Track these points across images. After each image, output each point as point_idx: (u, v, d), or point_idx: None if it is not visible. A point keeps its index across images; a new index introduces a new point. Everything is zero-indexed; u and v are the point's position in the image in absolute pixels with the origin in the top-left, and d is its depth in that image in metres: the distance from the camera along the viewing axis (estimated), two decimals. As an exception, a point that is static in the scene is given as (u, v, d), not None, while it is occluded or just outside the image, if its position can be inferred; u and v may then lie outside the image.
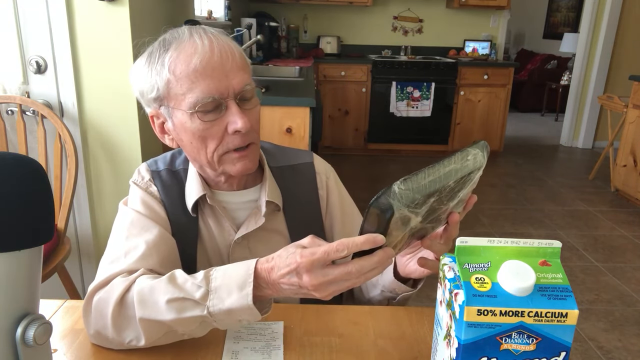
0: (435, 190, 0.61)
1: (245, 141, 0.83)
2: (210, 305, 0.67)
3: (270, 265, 0.67)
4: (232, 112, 0.80)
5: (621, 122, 3.96)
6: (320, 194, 0.99)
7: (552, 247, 0.55)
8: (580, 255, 2.97)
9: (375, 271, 0.63)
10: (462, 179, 0.65)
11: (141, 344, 0.72)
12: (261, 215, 0.90)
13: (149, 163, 0.96)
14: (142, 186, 0.92)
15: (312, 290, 0.64)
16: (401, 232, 0.63)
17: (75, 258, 2.05)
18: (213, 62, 0.78)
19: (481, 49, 5.05)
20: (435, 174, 0.61)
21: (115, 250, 0.83)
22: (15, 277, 0.48)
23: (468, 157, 0.66)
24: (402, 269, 0.83)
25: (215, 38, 0.81)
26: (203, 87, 0.78)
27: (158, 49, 0.81)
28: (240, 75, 0.81)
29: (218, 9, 3.88)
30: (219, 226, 0.92)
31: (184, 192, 0.92)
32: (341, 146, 4.80)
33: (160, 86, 0.80)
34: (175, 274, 0.72)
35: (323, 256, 0.62)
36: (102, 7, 1.80)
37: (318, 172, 1.00)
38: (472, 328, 0.51)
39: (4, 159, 0.47)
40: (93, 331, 0.75)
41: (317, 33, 5.10)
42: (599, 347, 2.12)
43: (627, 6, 5.05)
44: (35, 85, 1.86)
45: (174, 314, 0.69)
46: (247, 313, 0.67)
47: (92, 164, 1.98)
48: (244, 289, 0.66)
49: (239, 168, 0.85)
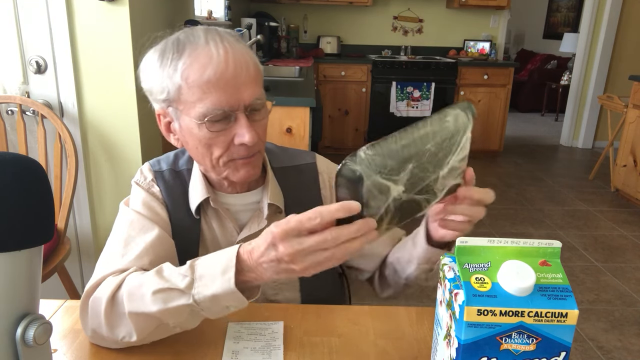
0: (410, 155, 0.57)
1: (250, 152, 0.83)
2: (195, 293, 0.67)
3: (251, 247, 0.67)
4: (241, 124, 0.80)
5: (621, 122, 3.96)
6: (323, 194, 0.98)
7: (552, 247, 0.55)
8: (580, 255, 2.97)
9: (355, 243, 0.60)
10: (445, 143, 0.61)
11: (134, 339, 0.72)
12: (263, 218, 0.90)
13: (152, 163, 0.95)
14: (144, 186, 0.92)
15: (290, 262, 0.62)
16: (381, 202, 0.59)
17: (75, 258, 2.05)
18: (226, 75, 0.77)
19: (479, 49, 5.05)
20: (408, 138, 0.58)
21: (112, 251, 0.83)
22: (15, 277, 0.48)
23: (447, 118, 0.62)
24: (435, 233, 0.81)
25: (231, 47, 0.79)
26: (214, 99, 0.77)
27: (171, 50, 0.79)
28: (252, 88, 0.80)
29: (218, 9, 3.88)
30: (222, 227, 0.92)
31: (187, 193, 0.91)
32: (341, 146, 4.80)
33: (170, 90, 0.80)
34: (162, 266, 0.73)
35: (297, 225, 0.60)
36: (102, 7, 1.80)
37: (320, 172, 0.99)
38: (472, 328, 0.51)
39: (3, 159, 0.47)
40: (90, 331, 0.75)
41: (317, 33, 5.10)
42: (599, 347, 2.12)
43: (627, 6, 5.05)
44: (35, 85, 1.86)
45: (160, 304, 0.69)
46: (231, 298, 0.67)
47: (92, 164, 1.98)
48: (226, 274, 0.66)
49: (242, 175, 0.85)
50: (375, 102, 4.74)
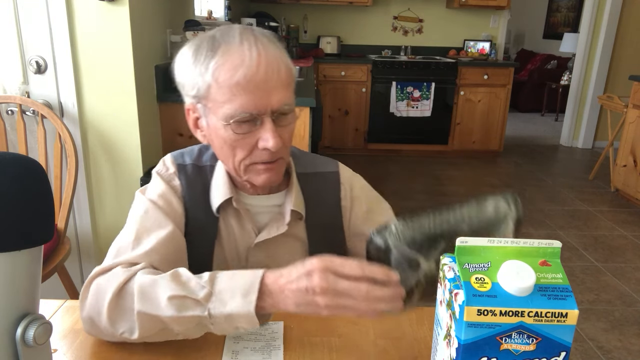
0: (442, 233, 0.59)
1: (273, 157, 0.82)
2: (211, 307, 0.67)
3: (279, 273, 0.68)
4: (266, 128, 0.79)
5: (621, 122, 3.96)
6: (342, 204, 0.96)
7: (552, 247, 0.55)
8: (580, 255, 2.97)
9: (381, 304, 0.63)
10: (480, 226, 0.62)
11: (134, 337, 0.71)
12: (284, 223, 0.89)
13: (175, 155, 0.94)
14: (165, 178, 0.91)
15: (319, 294, 0.63)
16: (411, 275, 0.61)
17: (75, 258, 2.05)
18: (257, 79, 0.76)
19: (479, 49, 5.05)
20: (442, 216, 0.59)
21: (125, 240, 0.82)
22: (15, 277, 0.48)
23: (486, 204, 0.63)
24: None
25: (264, 50, 0.78)
26: (242, 101, 0.77)
27: (206, 47, 0.79)
28: (281, 93, 0.79)
29: (218, 9, 3.88)
30: (241, 228, 0.90)
31: (208, 190, 0.90)
32: (341, 146, 4.80)
33: (201, 87, 0.79)
34: (179, 271, 0.72)
35: (339, 265, 0.63)
36: (102, 7, 1.80)
37: (343, 182, 0.97)
38: (472, 328, 0.51)
39: (4, 159, 0.47)
40: (86, 316, 0.74)
41: (317, 33, 5.10)
42: (599, 347, 2.12)
43: (627, 6, 5.05)
44: (35, 85, 1.86)
45: (174, 311, 0.68)
46: (246, 320, 0.67)
47: (92, 164, 1.98)
48: (248, 296, 0.66)
49: (263, 179, 0.84)
50: (375, 102, 4.74)
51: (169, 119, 2.22)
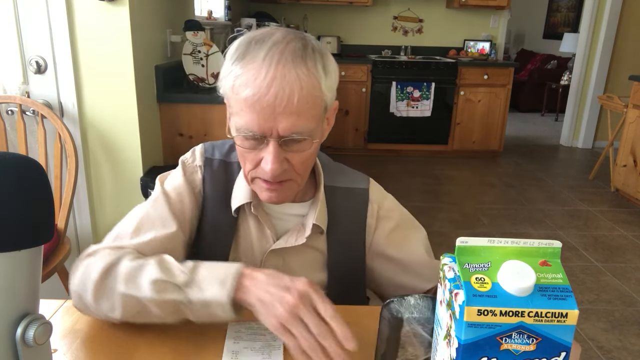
0: None
1: (275, 179, 0.78)
2: (190, 293, 0.69)
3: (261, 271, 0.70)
4: (269, 151, 0.75)
5: (621, 122, 3.96)
6: (368, 222, 0.93)
7: (552, 247, 0.55)
8: (580, 255, 2.97)
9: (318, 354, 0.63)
10: None
11: (115, 315, 0.74)
12: (304, 236, 0.87)
13: (207, 147, 0.93)
14: (187, 169, 0.90)
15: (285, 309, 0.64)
16: (420, 352, 0.60)
17: (75, 258, 2.05)
18: (263, 101, 0.71)
19: (479, 49, 5.05)
20: None
21: (126, 227, 0.84)
22: (15, 277, 0.48)
23: None
24: None
25: (283, 72, 0.71)
26: (248, 119, 0.74)
27: (240, 50, 0.75)
28: (291, 120, 0.73)
29: (218, 9, 3.88)
30: (259, 232, 0.89)
31: (231, 189, 0.89)
32: (341, 146, 4.80)
33: (224, 89, 0.78)
34: (164, 257, 0.75)
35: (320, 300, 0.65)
36: (102, 7, 1.80)
37: (372, 200, 0.94)
38: (472, 328, 0.51)
39: (4, 159, 0.47)
40: (74, 290, 0.77)
41: (317, 33, 5.10)
42: (599, 347, 2.12)
43: (627, 6, 5.05)
44: (35, 85, 1.86)
45: (154, 293, 0.70)
46: (221, 309, 0.69)
47: (92, 164, 1.98)
48: (225, 284, 0.68)
49: (265, 197, 0.82)
50: (375, 102, 4.74)
51: (169, 119, 2.22)
